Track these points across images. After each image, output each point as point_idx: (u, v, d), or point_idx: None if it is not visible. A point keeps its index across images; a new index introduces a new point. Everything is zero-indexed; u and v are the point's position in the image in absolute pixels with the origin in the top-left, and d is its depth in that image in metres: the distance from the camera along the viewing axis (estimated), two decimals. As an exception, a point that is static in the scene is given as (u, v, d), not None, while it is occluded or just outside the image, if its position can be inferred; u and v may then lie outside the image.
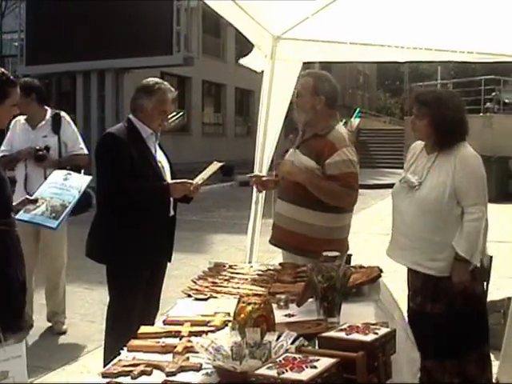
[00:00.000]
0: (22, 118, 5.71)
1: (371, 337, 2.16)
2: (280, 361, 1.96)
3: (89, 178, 4.68)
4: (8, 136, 5.80)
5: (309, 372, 1.86)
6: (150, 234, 4.02)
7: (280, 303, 3.01)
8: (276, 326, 2.47)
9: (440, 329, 3.74)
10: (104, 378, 2.21)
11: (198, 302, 3.18)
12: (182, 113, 26.92)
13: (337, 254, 3.02)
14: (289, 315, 2.91)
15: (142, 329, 2.71)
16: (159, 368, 2.26)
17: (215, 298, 3.22)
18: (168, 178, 4.20)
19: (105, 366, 2.46)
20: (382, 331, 2.23)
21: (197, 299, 3.22)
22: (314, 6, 4.65)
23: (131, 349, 2.49)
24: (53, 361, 5.24)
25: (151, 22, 17.28)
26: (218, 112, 33.67)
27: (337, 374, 1.93)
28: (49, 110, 5.91)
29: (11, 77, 3.26)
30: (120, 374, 2.22)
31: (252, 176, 4.73)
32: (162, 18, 17.48)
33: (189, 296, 3.28)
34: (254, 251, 5.45)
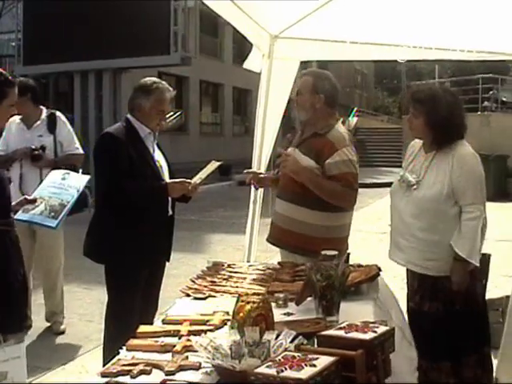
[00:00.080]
0: (18, 118, 5.69)
1: (370, 335, 2.16)
2: (279, 359, 1.97)
3: (87, 178, 4.67)
4: (3, 136, 5.79)
5: (308, 370, 1.86)
6: (149, 233, 4.02)
7: (279, 302, 3.02)
8: (275, 325, 2.47)
9: (438, 328, 3.73)
10: (103, 377, 2.21)
11: (197, 301, 3.19)
12: (179, 112, 26.92)
13: (335, 252, 3.02)
14: (288, 314, 2.91)
15: (141, 328, 2.71)
16: (158, 367, 2.26)
17: (214, 297, 3.23)
18: (166, 178, 4.19)
19: (104, 365, 2.46)
20: (381, 329, 2.23)
21: (196, 298, 3.22)
22: (311, 4, 4.65)
23: (130, 348, 2.49)
24: (51, 361, 5.25)
25: (149, 21, 17.22)
26: (216, 111, 33.66)
27: (336, 372, 1.93)
28: (44, 109, 5.90)
29: (9, 77, 3.26)
30: (119, 374, 2.23)
31: (249, 172, 4.71)
32: (160, 18, 17.42)
33: (187, 295, 3.29)
34: (253, 250, 5.45)
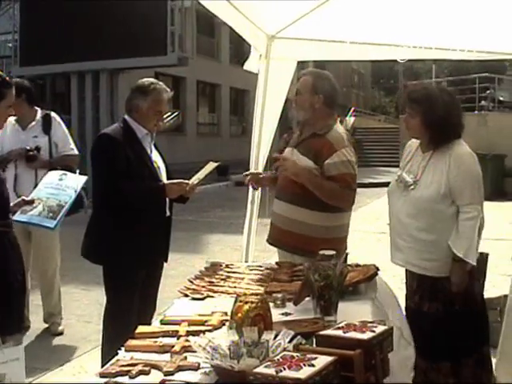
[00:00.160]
0: (13, 119, 5.67)
1: (368, 335, 2.16)
2: (278, 359, 1.97)
3: (84, 178, 4.68)
4: None
5: (307, 370, 1.86)
6: (146, 234, 4.02)
7: (277, 302, 3.01)
8: (273, 325, 2.47)
9: (437, 328, 3.73)
10: (102, 377, 2.21)
11: (195, 301, 3.19)
12: (176, 113, 26.91)
13: (333, 252, 3.02)
14: (286, 314, 2.91)
15: (140, 329, 2.71)
16: (157, 368, 2.26)
17: (212, 297, 3.23)
18: (164, 179, 4.20)
19: (102, 366, 2.46)
20: (379, 329, 2.23)
21: (194, 299, 3.22)
22: (308, 4, 4.65)
23: (129, 349, 2.49)
24: (50, 361, 5.24)
25: (145, 22, 17.22)
26: (213, 112, 33.64)
27: (335, 372, 1.93)
28: (39, 110, 5.89)
29: (7, 78, 3.26)
30: (118, 374, 2.22)
31: (247, 174, 4.70)
32: (156, 19, 17.42)
33: (186, 296, 3.28)
34: (250, 251, 5.45)
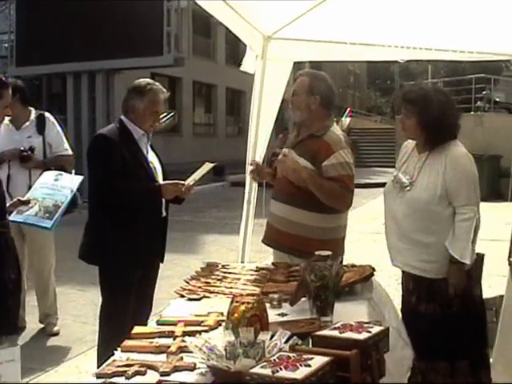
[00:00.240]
0: (7, 119, 5.65)
1: (365, 335, 2.17)
2: (274, 360, 1.97)
3: (80, 178, 4.67)
4: None
5: (303, 370, 1.86)
6: (142, 234, 4.02)
7: (273, 303, 3.02)
8: (269, 326, 2.47)
9: (435, 329, 3.72)
10: (98, 378, 2.21)
11: (191, 302, 3.19)
12: (172, 113, 26.87)
13: (329, 253, 3.02)
14: (282, 314, 2.91)
15: (136, 329, 2.71)
16: (153, 368, 2.26)
17: (208, 297, 3.23)
18: (160, 179, 4.20)
19: (98, 366, 2.46)
20: (376, 329, 2.23)
21: (190, 299, 3.22)
22: (304, 5, 4.65)
23: (125, 349, 2.49)
24: (45, 362, 5.24)
25: (141, 22, 17.20)
26: (209, 112, 33.62)
27: (331, 372, 1.93)
28: (33, 110, 5.88)
29: (3, 78, 3.26)
30: (114, 375, 2.22)
31: (254, 161, 4.69)
32: (153, 19, 17.40)
33: (182, 296, 3.28)
34: (247, 251, 5.44)
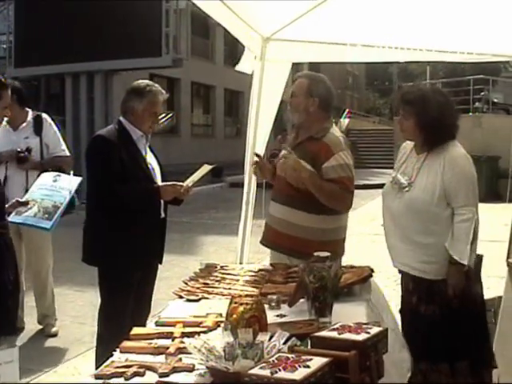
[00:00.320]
0: (4, 120, 5.65)
1: (363, 336, 2.17)
2: (273, 361, 1.97)
3: (79, 179, 4.67)
4: None
5: (302, 371, 1.87)
6: (141, 235, 4.02)
7: (272, 304, 3.02)
8: (268, 327, 2.48)
9: (435, 330, 3.71)
10: (97, 379, 2.22)
11: (190, 303, 3.19)
12: (170, 114, 26.87)
13: (328, 254, 3.02)
14: (280, 315, 2.92)
15: (135, 330, 2.71)
16: (152, 369, 2.26)
17: (207, 298, 3.23)
18: (158, 181, 4.20)
19: (97, 367, 2.46)
20: (374, 330, 2.23)
21: (188, 300, 3.22)
22: (303, 6, 4.65)
23: (124, 350, 2.49)
24: (44, 363, 5.23)
25: (140, 23, 17.20)
26: (207, 113, 33.62)
27: (330, 373, 1.94)
28: (30, 111, 5.86)
29: (2, 79, 3.26)
30: (113, 376, 2.23)
31: (257, 154, 4.66)
32: (151, 20, 17.40)
33: (180, 297, 3.29)
34: (245, 252, 5.44)
